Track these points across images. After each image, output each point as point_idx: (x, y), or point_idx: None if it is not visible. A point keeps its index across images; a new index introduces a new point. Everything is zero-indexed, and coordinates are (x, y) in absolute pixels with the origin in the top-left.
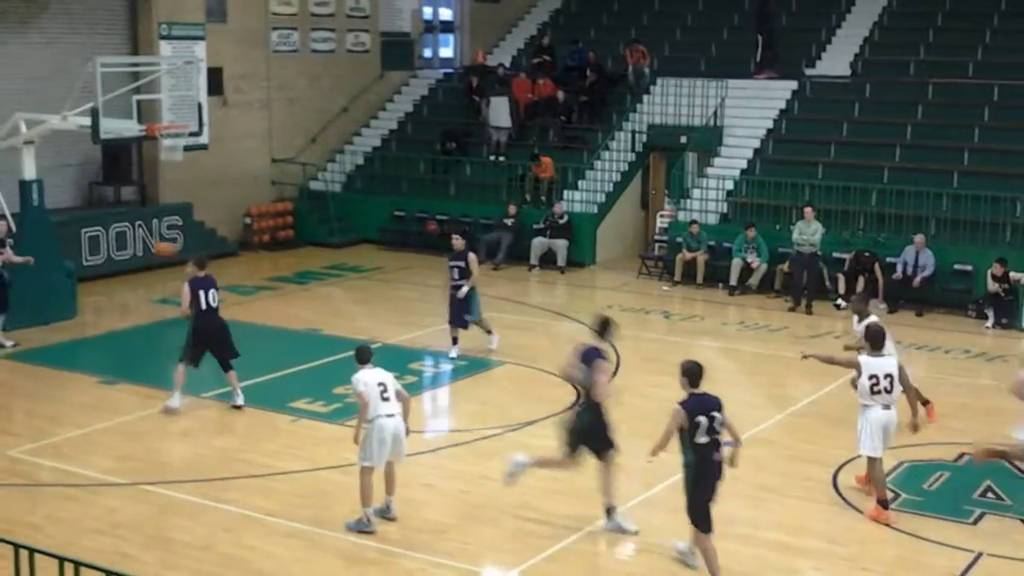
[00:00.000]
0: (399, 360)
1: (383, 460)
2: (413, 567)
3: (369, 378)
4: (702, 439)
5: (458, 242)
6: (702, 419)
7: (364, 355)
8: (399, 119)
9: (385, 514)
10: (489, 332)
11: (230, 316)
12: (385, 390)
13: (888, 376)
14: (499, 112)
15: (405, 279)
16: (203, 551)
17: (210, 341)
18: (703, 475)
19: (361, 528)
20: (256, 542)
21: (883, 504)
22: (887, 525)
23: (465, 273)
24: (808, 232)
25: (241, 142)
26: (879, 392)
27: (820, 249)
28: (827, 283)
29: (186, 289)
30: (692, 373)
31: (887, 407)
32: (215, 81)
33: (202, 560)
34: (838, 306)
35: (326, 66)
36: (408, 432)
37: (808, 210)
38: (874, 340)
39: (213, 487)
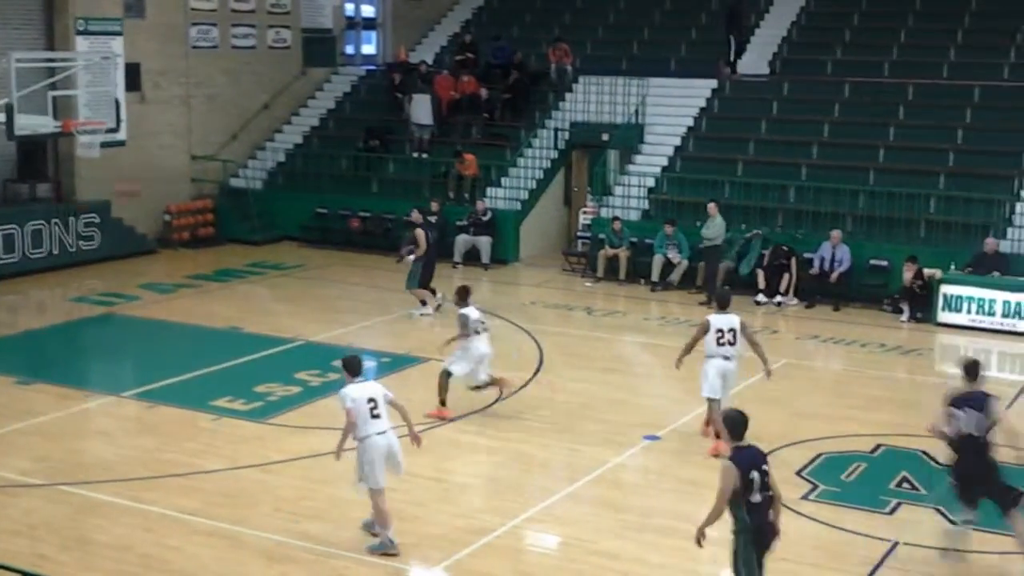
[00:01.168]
0: (323, 357)
1: (382, 479)
2: (338, 565)
3: (358, 394)
4: (756, 498)
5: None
6: (755, 475)
7: (354, 366)
8: (321, 116)
9: (370, 528)
10: (423, 303)
11: (149, 315)
12: (375, 406)
13: (732, 331)
14: (421, 109)
15: (327, 276)
16: (123, 551)
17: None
18: (760, 539)
19: (385, 550)
20: (178, 542)
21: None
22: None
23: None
24: (713, 227)
25: (160, 139)
26: (723, 344)
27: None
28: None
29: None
30: (736, 424)
31: (727, 359)
32: (133, 77)
33: (122, 560)
34: (757, 302)
35: (247, 62)
36: (417, 442)
37: (711, 206)
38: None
39: (133, 487)
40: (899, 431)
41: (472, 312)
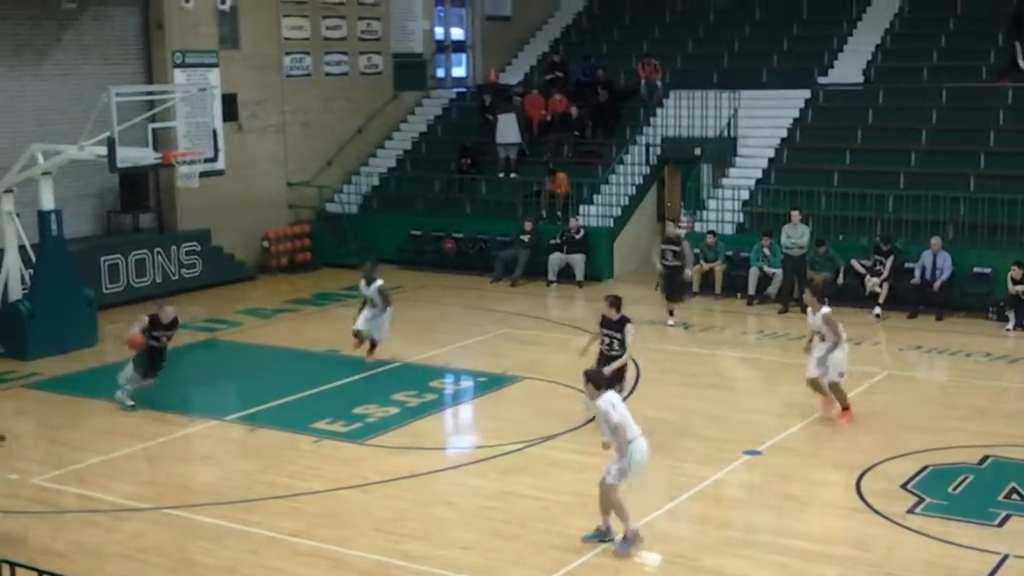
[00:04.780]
0: (419, 378)
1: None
2: None
3: (616, 400)
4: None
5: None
6: None
7: (599, 381)
8: (413, 139)
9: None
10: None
11: (249, 339)
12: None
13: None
14: (506, 129)
15: (422, 297)
16: (228, 573)
17: None
18: None
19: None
20: (281, 563)
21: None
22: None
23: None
24: (796, 235)
25: (257, 167)
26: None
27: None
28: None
29: None
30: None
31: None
32: (230, 107)
33: None
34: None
35: (340, 89)
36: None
37: (795, 213)
38: None
39: (236, 509)
40: (1007, 442)
41: None
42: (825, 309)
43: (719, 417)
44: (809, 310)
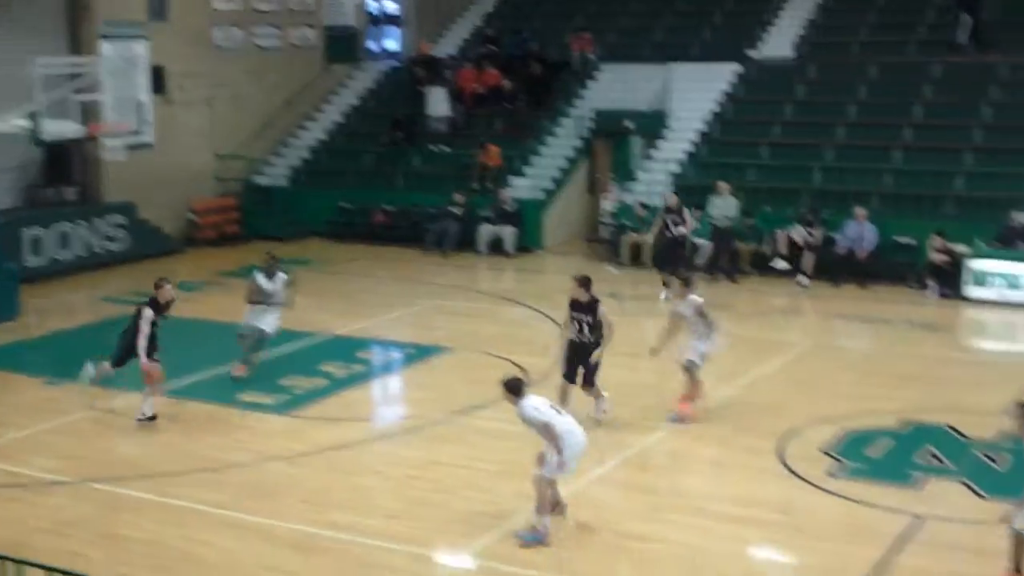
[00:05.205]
0: (347, 350)
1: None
2: (365, 553)
3: (539, 402)
4: None
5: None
6: None
7: (518, 389)
8: (344, 112)
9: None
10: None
11: (176, 313)
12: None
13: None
14: (437, 102)
15: (352, 270)
16: (154, 546)
17: None
18: None
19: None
20: (207, 536)
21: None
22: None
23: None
24: (723, 207)
25: (185, 139)
26: None
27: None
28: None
29: None
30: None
31: None
32: (158, 79)
33: (153, 556)
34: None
35: (270, 62)
36: None
37: (721, 184)
38: None
39: (161, 482)
40: (926, 406)
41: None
42: (696, 298)
43: (647, 385)
44: (672, 297)
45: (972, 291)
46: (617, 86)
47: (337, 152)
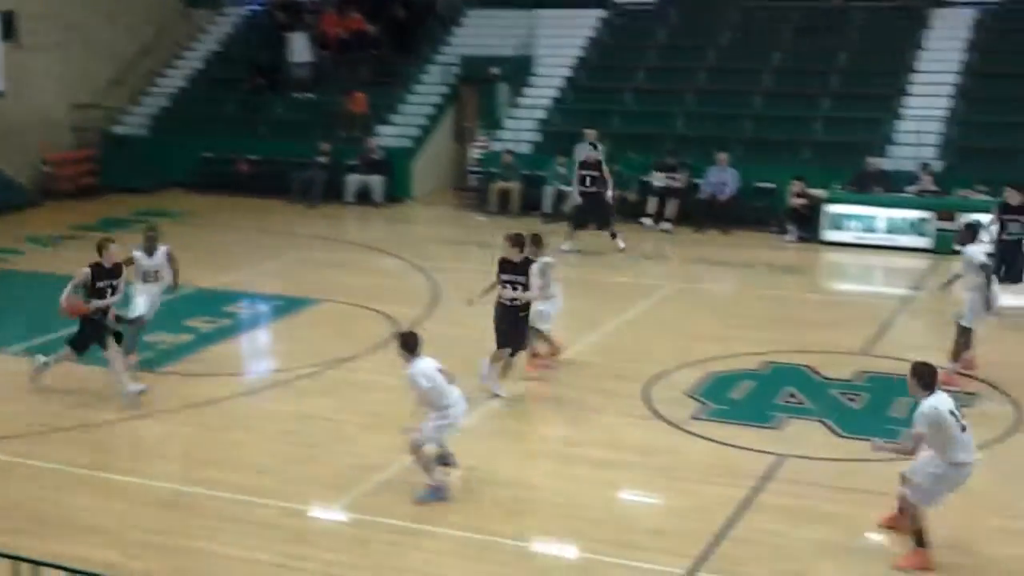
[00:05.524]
0: (214, 304)
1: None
2: (235, 509)
3: (428, 368)
4: None
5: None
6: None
7: (413, 345)
8: (206, 59)
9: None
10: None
11: (33, 267)
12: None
13: None
14: (300, 48)
15: (217, 222)
16: (13, 509)
17: None
18: None
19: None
20: (74, 498)
21: None
22: None
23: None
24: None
25: (38, 87)
26: None
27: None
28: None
29: None
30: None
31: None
32: (8, 24)
33: (13, 519)
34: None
35: (125, 4)
36: None
37: (588, 132)
38: None
39: (23, 443)
40: (786, 348)
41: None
42: (546, 259)
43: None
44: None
45: (829, 234)
46: (483, 32)
47: (198, 100)
